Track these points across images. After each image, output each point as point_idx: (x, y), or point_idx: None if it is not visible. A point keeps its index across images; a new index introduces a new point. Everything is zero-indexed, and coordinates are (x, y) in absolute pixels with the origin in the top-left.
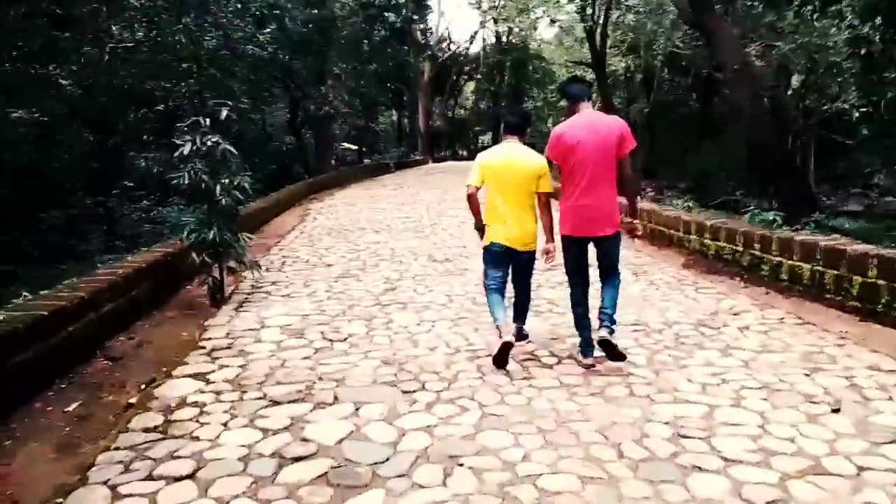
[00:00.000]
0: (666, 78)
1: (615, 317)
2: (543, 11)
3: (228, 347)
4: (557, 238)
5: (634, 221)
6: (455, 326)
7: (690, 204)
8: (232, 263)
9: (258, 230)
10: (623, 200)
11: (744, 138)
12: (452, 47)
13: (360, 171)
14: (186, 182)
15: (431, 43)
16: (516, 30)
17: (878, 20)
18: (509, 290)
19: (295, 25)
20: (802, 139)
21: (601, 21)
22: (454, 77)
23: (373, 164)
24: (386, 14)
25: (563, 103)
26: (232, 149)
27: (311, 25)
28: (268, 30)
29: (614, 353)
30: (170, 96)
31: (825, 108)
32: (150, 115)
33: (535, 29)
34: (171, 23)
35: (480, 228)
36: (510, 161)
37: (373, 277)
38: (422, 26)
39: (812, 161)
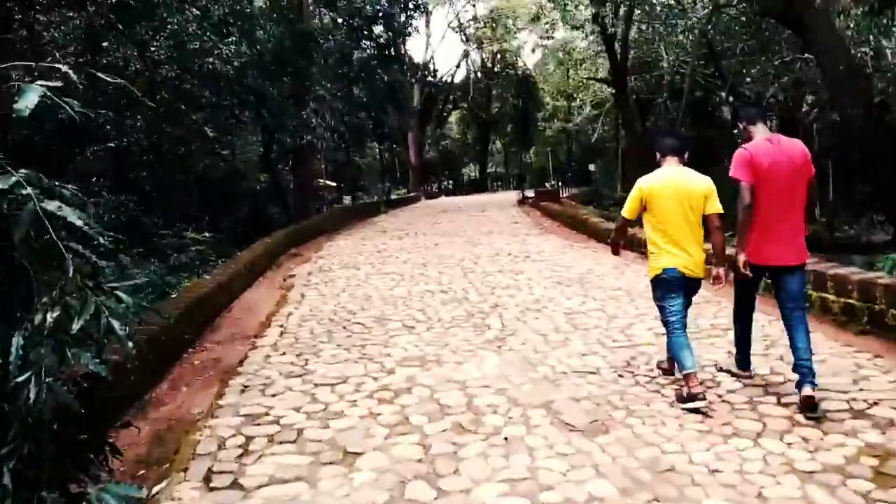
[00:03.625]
0: (659, 101)
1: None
2: (530, 31)
3: None
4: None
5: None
6: None
7: None
8: None
9: (210, 327)
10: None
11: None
12: (437, 75)
13: (348, 212)
14: None
15: (419, 66)
16: (499, 55)
17: None
18: None
19: (267, 40)
20: (821, 160)
21: (621, 30)
22: (440, 106)
23: (360, 204)
24: (373, 28)
25: (548, 133)
26: (71, 215)
27: (287, 42)
28: (231, 39)
29: (815, 414)
30: (120, 130)
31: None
32: (100, 153)
33: (522, 51)
34: (117, 37)
35: (617, 252)
36: (677, 183)
37: None
38: (409, 48)
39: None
